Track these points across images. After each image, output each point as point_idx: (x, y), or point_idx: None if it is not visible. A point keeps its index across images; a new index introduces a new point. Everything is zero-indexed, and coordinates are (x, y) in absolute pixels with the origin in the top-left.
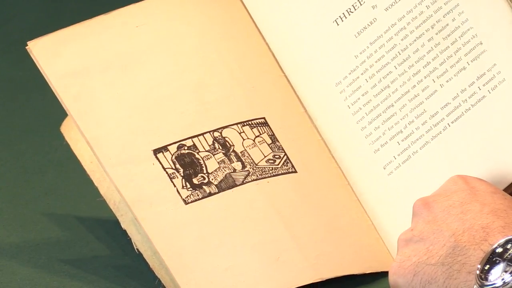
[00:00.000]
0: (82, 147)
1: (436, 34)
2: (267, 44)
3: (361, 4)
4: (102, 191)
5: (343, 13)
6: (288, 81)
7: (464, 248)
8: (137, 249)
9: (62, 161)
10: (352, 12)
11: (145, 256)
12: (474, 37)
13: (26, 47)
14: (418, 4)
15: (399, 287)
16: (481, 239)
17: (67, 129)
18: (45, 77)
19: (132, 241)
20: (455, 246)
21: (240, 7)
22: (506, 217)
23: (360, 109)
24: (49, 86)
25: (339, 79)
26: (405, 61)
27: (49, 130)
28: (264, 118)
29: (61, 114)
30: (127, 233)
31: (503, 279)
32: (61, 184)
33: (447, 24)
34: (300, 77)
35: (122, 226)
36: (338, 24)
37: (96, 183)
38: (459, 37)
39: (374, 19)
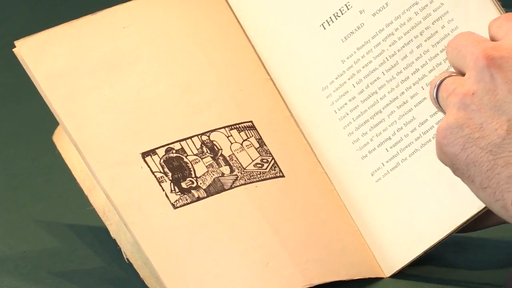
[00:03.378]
0: (73, 156)
1: (425, 40)
2: (253, 46)
3: (348, 9)
4: (92, 200)
5: (330, 17)
6: (274, 84)
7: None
8: (127, 258)
9: (51, 167)
10: (339, 17)
11: (135, 266)
12: None
13: (14, 49)
14: (407, 10)
15: (444, 153)
16: None
17: (59, 138)
18: (31, 78)
19: (122, 251)
20: (505, 136)
21: (226, 10)
22: None
23: (347, 114)
24: (38, 92)
25: (326, 83)
26: (393, 67)
27: (38, 136)
28: (251, 121)
29: (51, 120)
30: (116, 242)
31: None
32: (50, 191)
33: (436, 31)
34: (286, 81)
35: (112, 235)
36: (325, 28)
37: (86, 192)
38: None
39: (362, 24)
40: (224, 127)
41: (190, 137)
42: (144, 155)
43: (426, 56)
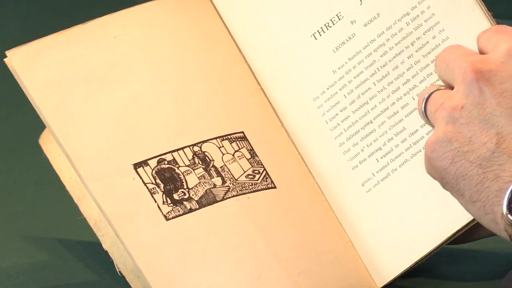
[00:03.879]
0: (61, 161)
1: (416, 51)
2: (243, 56)
3: (339, 19)
4: (82, 209)
5: (321, 28)
6: (265, 94)
7: (502, 156)
8: (119, 271)
9: (42, 179)
10: (330, 27)
11: (128, 279)
12: None
13: (5, 59)
14: (398, 20)
15: (434, 167)
16: None
17: (46, 142)
18: (23, 88)
19: (114, 263)
20: (494, 150)
21: (216, 20)
22: None
23: (338, 124)
24: (28, 102)
25: (317, 94)
26: (384, 77)
27: (29, 147)
28: (243, 132)
29: (41, 130)
30: (109, 254)
31: None
32: (41, 202)
33: (428, 42)
34: (277, 91)
35: (104, 247)
36: (316, 39)
37: (76, 200)
38: None
39: (353, 35)
40: (215, 138)
41: (182, 148)
42: (136, 166)
43: (417, 67)
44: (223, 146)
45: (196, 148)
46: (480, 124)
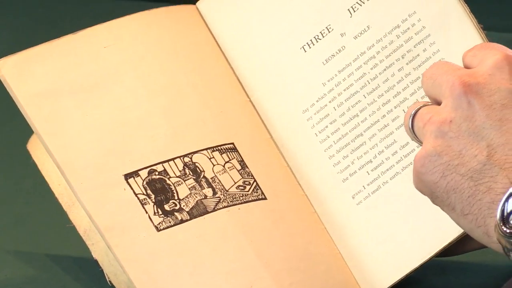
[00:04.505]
0: (50, 168)
1: (407, 64)
2: (232, 69)
3: (329, 32)
4: (71, 217)
5: (311, 40)
6: (254, 107)
7: (493, 168)
8: (109, 281)
9: (32, 190)
10: (320, 39)
11: None
12: None
13: None
14: (388, 33)
15: (423, 182)
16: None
17: (34, 147)
18: (13, 97)
19: (105, 273)
20: (485, 162)
21: (205, 32)
22: None
23: (328, 137)
24: (18, 112)
25: (306, 106)
26: (374, 90)
27: (19, 160)
28: (233, 143)
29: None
30: (98, 263)
31: None
32: (31, 214)
33: (418, 54)
34: (267, 103)
35: (94, 256)
36: (305, 51)
37: (65, 208)
38: None
39: (343, 47)
40: (206, 149)
41: (173, 159)
42: (127, 176)
43: (407, 79)
44: (213, 157)
45: (186, 159)
46: (470, 137)
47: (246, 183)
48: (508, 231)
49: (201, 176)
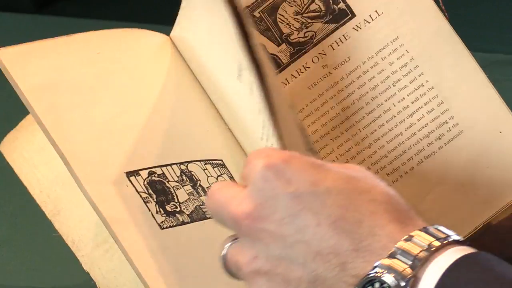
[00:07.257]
0: (29, 172)
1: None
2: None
3: None
4: (57, 226)
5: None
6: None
7: (325, 280)
8: None
9: (16, 213)
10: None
11: None
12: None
13: None
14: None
15: None
16: (336, 267)
17: (9, 149)
18: (14, 86)
19: (97, 286)
20: (315, 279)
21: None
22: (353, 232)
23: None
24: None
25: (259, 134)
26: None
27: (3, 182)
28: (222, 160)
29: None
30: (90, 276)
31: None
32: (15, 236)
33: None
34: (235, 129)
35: (84, 268)
36: (240, 82)
37: (49, 216)
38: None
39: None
40: (199, 160)
41: (170, 165)
42: (129, 174)
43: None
44: (206, 169)
45: (183, 167)
46: (282, 262)
47: None
48: None
49: (198, 184)
